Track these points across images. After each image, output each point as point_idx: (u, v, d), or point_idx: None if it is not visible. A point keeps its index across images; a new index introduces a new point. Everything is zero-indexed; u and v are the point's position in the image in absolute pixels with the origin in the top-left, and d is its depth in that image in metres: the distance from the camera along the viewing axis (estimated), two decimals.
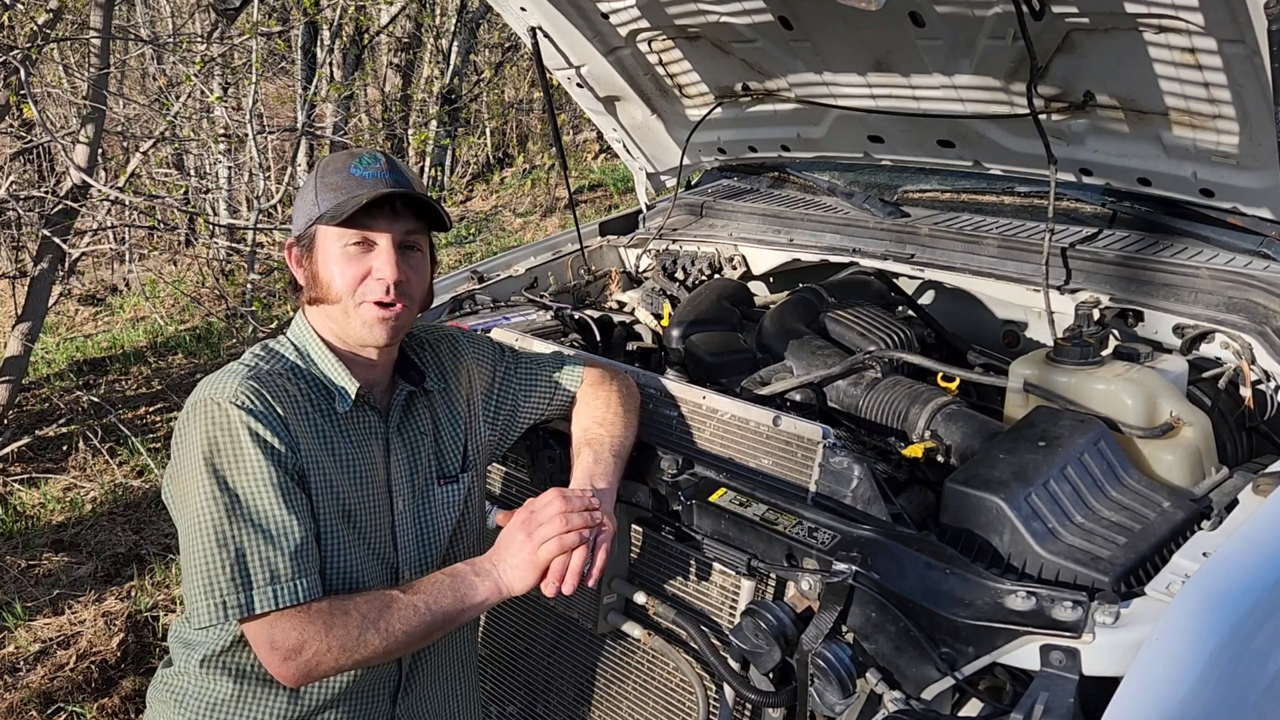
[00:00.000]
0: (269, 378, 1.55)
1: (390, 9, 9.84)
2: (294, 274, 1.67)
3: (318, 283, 1.61)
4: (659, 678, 1.87)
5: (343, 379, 1.62)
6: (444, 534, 1.74)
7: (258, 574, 1.45)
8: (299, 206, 1.65)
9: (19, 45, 4.51)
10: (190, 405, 1.53)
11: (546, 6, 2.70)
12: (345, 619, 1.47)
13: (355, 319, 1.60)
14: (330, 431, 1.59)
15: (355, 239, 1.58)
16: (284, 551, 1.47)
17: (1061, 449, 1.61)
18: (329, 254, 1.60)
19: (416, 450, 1.72)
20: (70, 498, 4.70)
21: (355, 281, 1.59)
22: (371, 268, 1.59)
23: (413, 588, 1.53)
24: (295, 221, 1.65)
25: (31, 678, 3.43)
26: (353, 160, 1.61)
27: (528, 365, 1.92)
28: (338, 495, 1.58)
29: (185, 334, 7.15)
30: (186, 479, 1.49)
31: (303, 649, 1.45)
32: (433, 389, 1.75)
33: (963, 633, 1.37)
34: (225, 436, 1.48)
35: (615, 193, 10.87)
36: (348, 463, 1.60)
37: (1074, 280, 2.28)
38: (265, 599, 1.45)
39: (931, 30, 2.26)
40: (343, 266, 1.59)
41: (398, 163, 1.65)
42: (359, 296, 1.59)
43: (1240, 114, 2.01)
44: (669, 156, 3.24)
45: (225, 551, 1.45)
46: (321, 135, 8.61)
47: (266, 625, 1.46)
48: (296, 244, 1.65)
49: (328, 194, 1.59)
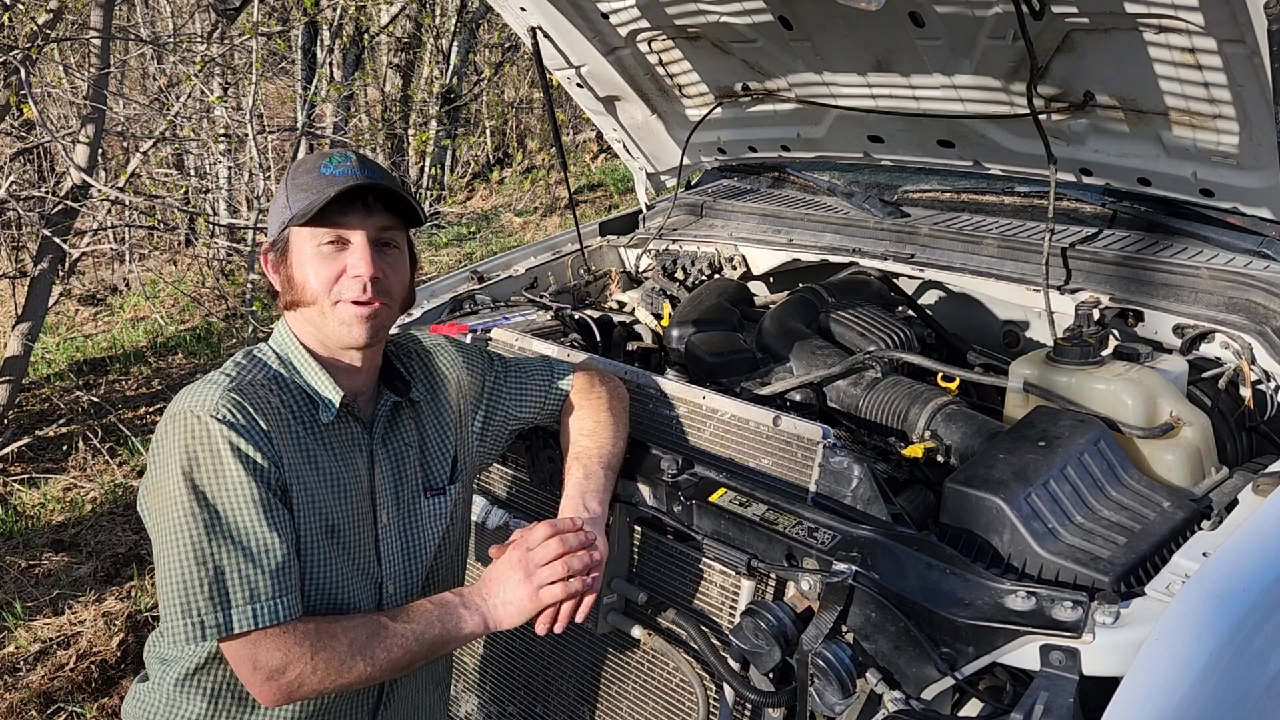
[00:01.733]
0: (250, 389, 1.51)
1: (390, 9, 9.83)
2: (271, 280, 1.63)
3: (293, 285, 1.57)
4: (659, 678, 1.87)
5: (326, 388, 1.58)
6: (430, 547, 1.71)
7: (237, 593, 1.42)
8: (272, 212, 1.61)
9: (19, 45, 4.51)
10: (169, 417, 1.48)
11: (546, 6, 2.70)
12: (332, 643, 1.45)
13: (333, 319, 1.56)
14: (313, 444, 1.56)
15: (329, 238, 1.54)
16: (264, 570, 1.44)
17: (1061, 449, 1.61)
18: (303, 255, 1.56)
19: (402, 462, 1.68)
20: (70, 498, 4.70)
21: (330, 280, 1.55)
22: (346, 265, 1.55)
23: (401, 615, 1.51)
24: (270, 228, 1.62)
25: (31, 678, 3.43)
26: (323, 160, 1.57)
27: (517, 374, 1.90)
28: (320, 510, 1.54)
29: (185, 334, 7.15)
30: (164, 493, 1.45)
31: (286, 670, 1.42)
32: (419, 399, 1.72)
33: (963, 633, 1.37)
34: (205, 451, 1.44)
35: (615, 193, 10.87)
36: (331, 476, 1.57)
37: (1074, 280, 2.28)
38: (244, 618, 1.42)
39: (931, 30, 2.26)
40: (317, 266, 1.55)
41: (369, 159, 1.62)
42: (334, 295, 1.55)
43: (1240, 114, 2.01)
44: (669, 156, 3.24)
45: (204, 569, 1.41)
46: (321, 135, 8.61)
47: (250, 645, 1.43)
48: (272, 249, 1.61)
49: (298, 195, 1.55)
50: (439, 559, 1.74)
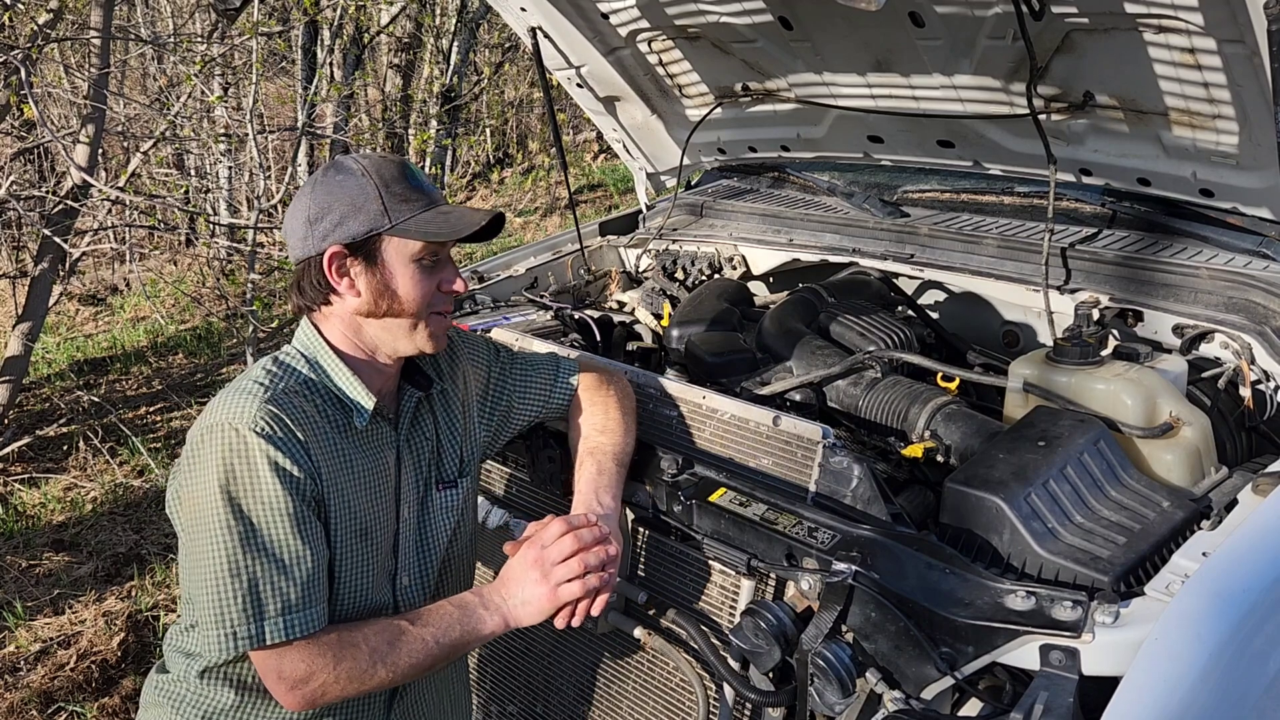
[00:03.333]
0: (285, 398, 1.50)
1: (390, 9, 9.84)
2: (333, 282, 1.55)
3: (393, 296, 1.56)
4: (659, 678, 1.87)
5: (359, 394, 1.58)
6: (442, 540, 1.73)
7: (270, 604, 1.44)
8: (345, 212, 1.52)
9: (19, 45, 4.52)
10: (206, 429, 1.47)
11: (546, 7, 2.70)
12: (354, 651, 1.47)
13: (421, 333, 1.59)
14: (348, 448, 1.57)
15: (433, 254, 1.58)
16: (296, 582, 1.46)
17: (1061, 449, 1.61)
18: (399, 266, 1.55)
19: (420, 456, 1.71)
20: (71, 497, 4.70)
21: (430, 294, 1.59)
22: (441, 280, 1.60)
23: (420, 619, 1.53)
24: (341, 228, 1.52)
25: (32, 677, 3.43)
26: (404, 170, 1.57)
27: (523, 366, 1.90)
28: (354, 513, 1.56)
29: (186, 334, 7.16)
30: (200, 504, 1.46)
31: (310, 679, 1.45)
32: (434, 392, 1.75)
33: (962, 632, 1.37)
34: (243, 464, 1.45)
35: (615, 193, 10.88)
36: (365, 478, 1.59)
37: (1074, 280, 2.28)
38: (276, 630, 1.44)
39: (931, 30, 2.26)
40: (420, 280, 1.57)
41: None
42: (429, 309, 1.59)
43: (1240, 114, 2.01)
44: (669, 156, 3.24)
45: (238, 581, 1.43)
46: (322, 135, 8.61)
47: (275, 655, 1.45)
48: (354, 254, 1.54)
49: (399, 206, 1.53)
50: (451, 551, 1.76)
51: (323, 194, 1.54)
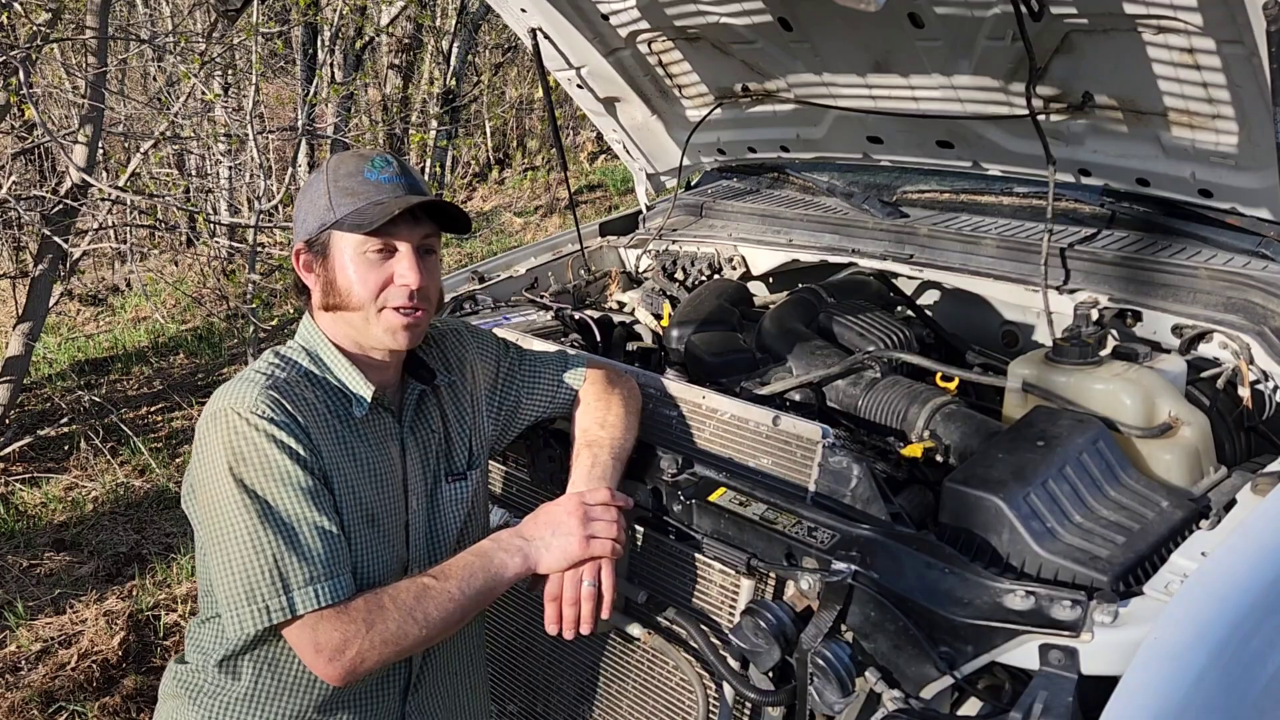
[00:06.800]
0: (286, 386, 1.54)
1: (390, 10, 9.84)
2: (302, 279, 1.64)
3: (336, 290, 1.59)
4: (659, 677, 1.87)
5: (358, 384, 1.61)
6: (453, 532, 1.75)
7: (296, 575, 1.45)
8: (307, 210, 1.61)
9: (19, 45, 4.52)
10: (209, 417, 1.51)
11: (546, 8, 2.71)
12: (383, 614, 1.48)
13: (377, 326, 1.59)
14: (349, 437, 1.59)
15: (377, 246, 1.56)
16: (319, 551, 1.47)
17: (1060, 449, 1.62)
18: (346, 260, 1.57)
19: (427, 448, 1.72)
20: (72, 497, 4.71)
21: (377, 288, 1.57)
22: (394, 274, 1.57)
23: (443, 573, 1.54)
24: (303, 225, 1.61)
25: (33, 677, 3.43)
26: (364, 164, 1.59)
27: (531, 362, 1.92)
28: (361, 499, 1.58)
29: (186, 334, 7.16)
30: (212, 491, 1.48)
31: (346, 648, 1.45)
32: (440, 384, 1.75)
33: (962, 632, 1.37)
34: (248, 445, 1.47)
35: (615, 193, 10.88)
36: (368, 467, 1.61)
37: (1073, 280, 2.28)
38: (307, 599, 1.45)
39: (930, 31, 2.27)
40: (363, 273, 1.57)
41: (407, 165, 1.64)
42: (380, 303, 1.58)
43: (1239, 114, 2.01)
44: (669, 157, 3.24)
45: (262, 557, 1.45)
46: (322, 135, 8.62)
47: (309, 628, 1.46)
48: (308, 250, 1.61)
49: (344, 199, 1.56)
50: (462, 544, 1.76)
51: (302, 194, 1.63)
